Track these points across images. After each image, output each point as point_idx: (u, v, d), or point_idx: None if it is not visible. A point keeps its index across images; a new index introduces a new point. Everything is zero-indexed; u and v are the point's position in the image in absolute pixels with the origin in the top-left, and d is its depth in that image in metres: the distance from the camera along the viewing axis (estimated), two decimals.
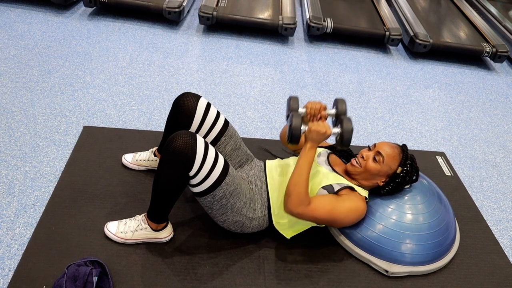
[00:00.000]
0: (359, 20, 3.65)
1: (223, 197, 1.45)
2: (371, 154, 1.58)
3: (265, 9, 3.53)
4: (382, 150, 1.57)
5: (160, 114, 2.37)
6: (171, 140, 1.36)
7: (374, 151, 1.59)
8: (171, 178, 1.39)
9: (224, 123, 1.66)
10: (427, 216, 1.68)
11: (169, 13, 3.24)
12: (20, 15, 3.16)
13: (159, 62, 2.89)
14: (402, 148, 1.60)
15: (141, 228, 1.56)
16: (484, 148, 2.63)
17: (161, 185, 1.42)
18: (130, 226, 1.57)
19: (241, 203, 1.50)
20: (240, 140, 1.72)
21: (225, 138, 1.66)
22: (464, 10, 4.28)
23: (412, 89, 3.14)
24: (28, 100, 2.30)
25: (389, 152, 1.56)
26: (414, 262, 1.66)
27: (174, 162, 1.35)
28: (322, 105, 1.59)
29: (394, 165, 1.57)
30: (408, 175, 1.59)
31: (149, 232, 1.57)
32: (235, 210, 1.50)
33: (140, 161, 1.90)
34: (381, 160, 1.55)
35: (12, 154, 1.93)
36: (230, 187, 1.45)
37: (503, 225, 2.05)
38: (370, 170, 1.57)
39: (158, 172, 1.41)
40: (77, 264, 1.41)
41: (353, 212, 1.54)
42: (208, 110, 1.63)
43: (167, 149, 1.36)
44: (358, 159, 1.60)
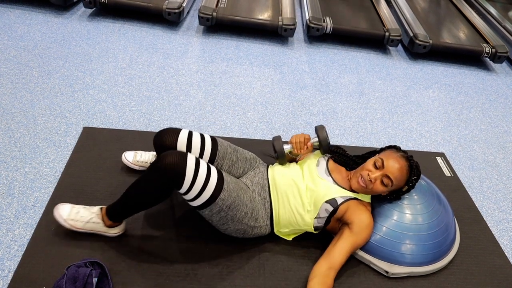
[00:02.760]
0: (359, 21, 3.65)
1: (221, 210, 1.45)
2: (378, 176, 1.51)
3: (264, 10, 3.54)
4: (391, 173, 1.50)
5: (160, 115, 2.37)
6: (161, 158, 1.38)
7: (382, 172, 1.51)
8: (153, 192, 1.40)
9: (212, 148, 1.60)
10: (426, 216, 1.68)
11: (169, 14, 3.24)
12: (20, 16, 3.16)
13: (159, 63, 2.89)
14: (410, 164, 1.54)
15: (93, 221, 1.53)
16: (484, 148, 2.63)
17: (140, 196, 1.42)
18: (82, 216, 1.52)
19: (242, 213, 1.49)
20: (235, 153, 1.67)
21: (218, 161, 1.61)
22: (463, 10, 4.28)
23: (411, 90, 3.14)
24: (28, 101, 2.30)
25: (398, 176, 1.51)
26: (414, 262, 1.65)
27: (161, 179, 1.37)
28: (306, 136, 1.63)
29: (401, 184, 1.55)
30: (412, 187, 1.60)
31: (100, 227, 1.54)
32: (236, 220, 1.50)
33: (141, 162, 1.89)
34: (390, 184, 1.51)
35: (11, 155, 1.93)
36: (227, 202, 1.44)
37: (503, 225, 2.05)
38: (377, 192, 1.55)
39: (141, 182, 1.40)
40: (77, 265, 1.41)
41: (368, 229, 1.56)
42: (191, 141, 1.57)
43: (156, 165, 1.37)
44: (364, 179, 1.52)
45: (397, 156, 1.53)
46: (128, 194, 1.44)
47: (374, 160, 1.53)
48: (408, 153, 1.59)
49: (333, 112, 2.69)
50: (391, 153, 1.54)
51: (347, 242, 1.51)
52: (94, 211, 1.54)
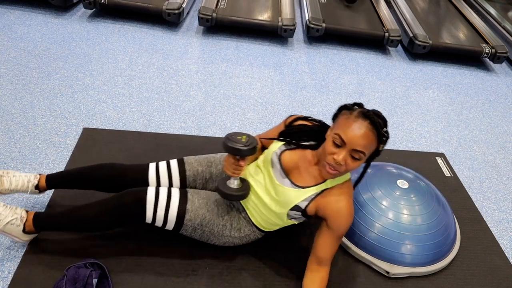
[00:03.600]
0: (359, 21, 3.66)
1: (195, 228, 1.46)
2: (345, 154, 1.25)
3: (264, 11, 3.54)
4: (358, 145, 1.23)
5: (159, 116, 2.37)
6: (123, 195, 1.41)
7: (347, 149, 1.24)
8: (106, 223, 1.42)
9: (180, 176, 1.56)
10: (425, 217, 1.69)
11: (168, 15, 3.24)
12: (20, 17, 3.16)
13: (159, 64, 2.89)
14: (371, 120, 1.24)
15: (12, 223, 1.41)
16: (484, 149, 2.63)
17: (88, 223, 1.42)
18: (2, 215, 1.40)
19: (219, 227, 1.48)
20: (208, 170, 1.60)
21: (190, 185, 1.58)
22: (463, 11, 4.28)
23: (411, 90, 3.14)
24: (27, 102, 2.30)
25: (366, 143, 1.24)
26: (414, 263, 1.66)
27: (123, 215, 1.40)
28: None
29: (374, 146, 1.28)
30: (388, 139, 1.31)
31: (17, 231, 1.43)
32: (216, 234, 1.49)
33: (11, 191, 1.55)
34: (363, 156, 1.25)
35: (11, 156, 1.93)
36: (196, 221, 1.45)
37: (503, 225, 2.05)
38: (354, 169, 1.29)
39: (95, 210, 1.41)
40: (77, 266, 1.41)
41: (346, 218, 1.37)
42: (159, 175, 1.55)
43: (118, 201, 1.40)
44: (333, 165, 1.27)
45: (353, 121, 1.24)
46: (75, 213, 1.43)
47: (332, 139, 1.26)
48: (361, 106, 1.31)
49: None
50: (345, 122, 1.26)
51: (328, 237, 1.40)
52: (18, 213, 1.44)
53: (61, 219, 1.44)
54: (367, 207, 1.71)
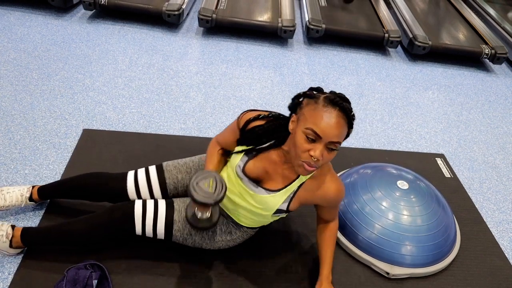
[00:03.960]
0: (358, 22, 3.66)
1: (186, 238, 1.47)
2: (322, 149, 1.13)
3: (264, 12, 3.54)
4: (334, 137, 1.12)
5: (159, 117, 2.38)
6: (112, 210, 1.42)
7: (323, 143, 1.13)
8: (95, 239, 1.43)
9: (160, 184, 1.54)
10: (425, 218, 1.69)
11: (168, 16, 3.24)
12: (20, 18, 3.16)
13: (159, 65, 2.89)
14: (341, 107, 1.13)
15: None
16: (484, 149, 2.63)
17: (77, 237, 1.43)
18: None
19: (209, 233, 1.48)
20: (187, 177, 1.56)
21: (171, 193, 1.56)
22: (463, 12, 4.29)
23: (411, 91, 3.14)
24: (27, 103, 2.30)
25: (341, 132, 1.14)
26: (414, 264, 1.66)
27: (111, 228, 1.42)
28: None
29: (345, 133, 1.18)
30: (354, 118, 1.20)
31: (4, 246, 1.43)
32: (208, 239, 1.49)
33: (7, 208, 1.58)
34: (338, 146, 1.15)
35: (11, 157, 1.93)
36: (184, 231, 1.46)
37: (503, 226, 2.05)
38: (329, 160, 1.19)
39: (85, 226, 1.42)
40: (77, 267, 1.41)
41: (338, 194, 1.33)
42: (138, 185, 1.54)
43: (107, 216, 1.41)
44: (311, 163, 1.15)
45: (323, 112, 1.12)
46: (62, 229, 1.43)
47: (305, 135, 1.14)
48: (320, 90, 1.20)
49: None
50: (315, 113, 1.13)
51: (327, 209, 1.43)
52: (4, 229, 1.43)
53: (50, 234, 1.44)
54: (367, 208, 1.71)
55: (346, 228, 1.74)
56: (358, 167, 2.00)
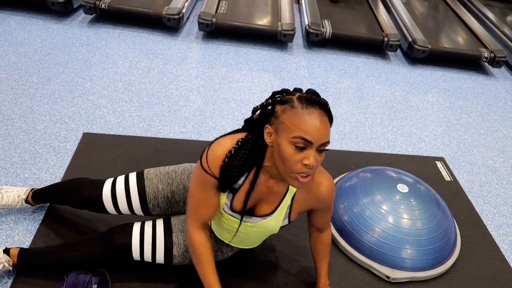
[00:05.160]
0: (358, 26, 3.67)
1: (185, 259, 1.41)
2: (314, 155, 1.04)
3: (264, 16, 3.55)
4: (324, 138, 1.03)
5: (159, 121, 2.38)
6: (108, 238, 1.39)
7: (314, 149, 1.03)
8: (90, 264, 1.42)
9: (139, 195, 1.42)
10: (425, 221, 1.69)
11: (168, 20, 3.25)
12: (20, 22, 3.17)
13: (159, 69, 2.90)
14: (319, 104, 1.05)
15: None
16: (484, 153, 2.63)
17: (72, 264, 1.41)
18: None
19: None
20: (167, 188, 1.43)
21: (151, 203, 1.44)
22: (462, 15, 4.30)
23: (411, 95, 3.15)
24: (27, 107, 2.30)
25: (328, 131, 1.04)
26: (415, 267, 1.65)
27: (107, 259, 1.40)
28: None
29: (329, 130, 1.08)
30: None
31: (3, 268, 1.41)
32: None
33: (3, 206, 1.59)
34: (327, 144, 1.06)
35: (11, 161, 1.93)
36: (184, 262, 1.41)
37: (503, 230, 2.05)
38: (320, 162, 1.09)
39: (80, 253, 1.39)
40: (77, 272, 1.40)
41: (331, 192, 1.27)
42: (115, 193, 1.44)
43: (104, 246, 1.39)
44: (307, 172, 1.05)
45: (306, 115, 1.02)
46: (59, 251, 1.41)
47: (293, 144, 1.03)
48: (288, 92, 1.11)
49: (333, 117, 2.69)
50: (297, 118, 1.03)
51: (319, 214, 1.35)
52: (0, 256, 1.40)
53: (44, 259, 1.43)
54: (367, 211, 1.71)
55: (346, 232, 1.73)
56: (358, 170, 2.00)
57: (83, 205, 1.50)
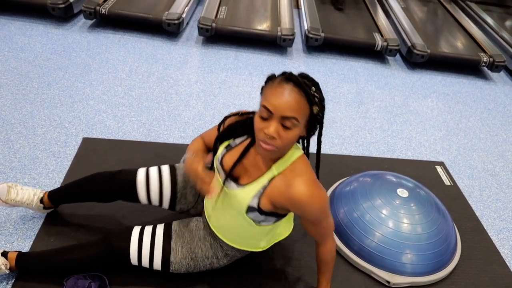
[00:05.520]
0: (357, 31, 3.68)
1: (181, 266, 1.42)
2: (276, 125, 1.09)
3: (263, 21, 3.56)
4: (286, 111, 1.07)
5: (159, 126, 2.38)
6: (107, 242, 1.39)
7: (276, 119, 1.09)
8: (88, 268, 1.42)
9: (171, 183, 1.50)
10: (426, 226, 1.68)
11: (168, 25, 3.26)
12: (21, 27, 3.18)
13: (159, 74, 2.90)
14: (296, 82, 1.10)
15: None
16: (483, 157, 2.63)
17: (70, 267, 1.41)
18: None
19: (206, 266, 1.44)
20: None
21: (180, 193, 1.51)
22: (461, 20, 4.32)
23: (410, 99, 3.15)
24: (27, 112, 2.30)
25: (295, 106, 1.08)
26: (415, 272, 1.65)
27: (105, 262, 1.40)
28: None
29: (307, 110, 1.11)
30: (323, 103, 1.17)
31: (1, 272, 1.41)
32: (200, 259, 1.42)
33: (17, 202, 1.56)
34: (295, 122, 1.09)
35: (11, 166, 1.93)
36: (181, 269, 1.42)
37: (503, 234, 2.05)
38: (293, 141, 1.14)
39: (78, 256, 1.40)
40: (76, 277, 1.40)
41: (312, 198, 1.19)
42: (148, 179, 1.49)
43: (102, 250, 1.39)
44: (266, 141, 1.11)
45: (276, 88, 1.10)
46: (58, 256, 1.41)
47: (259, 113, 1.12)
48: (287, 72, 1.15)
49: (332, 122, 2.69)
50: (270, 90, 1.11)
51: (311, 226, 1.29)
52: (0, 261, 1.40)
53: (43, 263, 1.42)
54: (367, 216, 1.71)
55: (346, 236, 1.73)
56: (358, 175, 2.00)
57: (114, 194, 1.50)
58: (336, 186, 2.04)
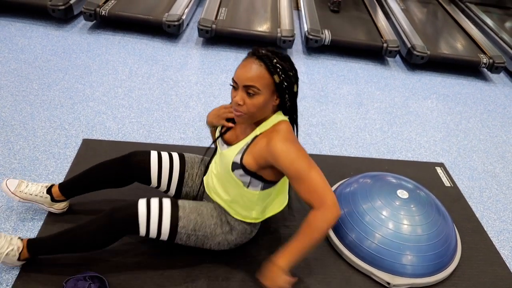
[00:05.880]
0: (357, 32, 3.68)
1: (189, 235, 1.47)
2: (240, 93, 1.27)
3: (263, 22, 3.57)
4: (246, 80, 1.24)
5: (159, 127, 2.38)
6: (114, 212, 1.40)
7: (241, 89, 1.27)
8: (102, 242, 1.42)
9: (180, 160, 1.63)
10: (426, 227, 1.68)
11: (168, 26, 3.26)
12: (21, 29, 3.18)
13: (159, 75, 2.91)
14: (257, 55, 1.26)
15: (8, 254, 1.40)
16: (483, 158, 2.63)
17: (83, 244, 1.41)
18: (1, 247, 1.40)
19: (211, 227, 1.48)
20: (203, 163, 1.68)
21: (188, 171, 1.63)
22: (460, 22, 4.32)
23: (410, 100, 3.15)
24: (27, 113, 2.30)
25: (253, 76, 1.23)
26: (415, 274, 1.65)
27: (115, 232, 1.40)
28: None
29: (267, 80, 1.25)
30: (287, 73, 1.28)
31: (13, 260, 1.43)
32: (210, 236, 1.49)
33: (25, 194, 1.62)
34: (256, 90, 1.24)
35: (11, 168, 1.93)
36: (189, 226, 1.45)
37: (504, 236, 2.05)
38: (260, 108, 1.28)
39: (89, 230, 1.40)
40: (76, 279, 1.40)
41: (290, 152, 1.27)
42: (161, 158, 1.61)
43: (109, 218, 1.39)
44: (235, 108, 1.29)
45: (243, 61, 1.28)
46: (68, 235, 1.41)
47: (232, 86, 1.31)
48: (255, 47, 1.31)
49: (332, 123, 2.69)
50: (239, 65, 1.30)
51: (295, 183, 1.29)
52: (14, 243, 1.42)
53: (54, 243, 1.43)
54: (367, 217, 1.71)
55: (347, 238, 1.73)
56: (358, 176, 2.00)
57: (128, 174, 1.58)
58: (336, 188, 2.04)
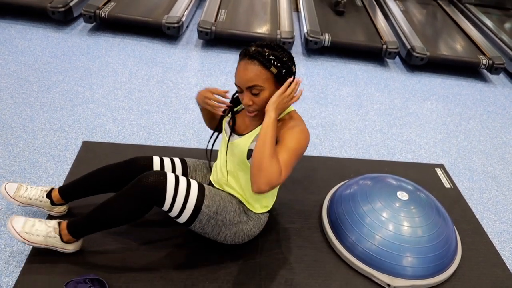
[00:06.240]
0: (357, 33, 3.69)
1: (210, 218, 1.47)
2: (247, 94, 1.33)
3: (263, 24, 3.57)
4: (246, 83, 1.30)
5: (159, 129, 2.38)
6: (142, 178, 1.39)
7: (245, 91, 1.33)
8: (132, 211, 1.40)
9: (182, 164, 1.68)
10: (426, 229, 1.68)
11: (168, 28, 3.27)
12: (21, 31, 3.19)
13: (158, 77, 2.91)
14: (249, 56, 1.30)
15: (49, 236, 1.45)
16: (483, 159, 2.63)
17: (115, 212, 1.40)
18: (38, 230, 1.44)
19: (231, 214, 1.51)
20: (204, 165, 1.73)
21: (190, 174, 1.68)
22: (460, 23, 4.33)
23: (410, 102, 3.16)
24: (27, 116, 2.31)
25: (253, 76, 1.29)
26: (415, 275, 1.64)
27: (142, 199, 1.38)
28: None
29: (266, 75, 1.30)
30: (282, 60, 1.32)
31: (57, 241, 1.47)
32: (228, 223, 1.51)
33: (24, 198, 1.62)
34: (260, 88, 1.31)
35: (11, 170, 1.93)
36: (212, 207, 1.46)
37: (504, 237, 2.04)
38: (265, 101, 1.33)
39: (119, 200, 1.40)
40: (76, 281, 1.40)
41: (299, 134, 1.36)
42: (163, 162, 1.65)
43: (137, 186, 1.38)
44: (248, 110, 1.37)
45: (237, 66, 1.34)
46: (100, 209, 1.41)
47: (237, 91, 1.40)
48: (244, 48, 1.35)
49: (332, 125, 2.69)
50: (236, 70, 1.35)
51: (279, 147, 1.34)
52: (51, 225, 1.46)
53: (92, 220, 1.43)
54: (367, 218, 1.71)
55: (346, 239, 1.73)
56: (358, 178, 2.00)
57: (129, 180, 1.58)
58: (336, 189, 2.04)
